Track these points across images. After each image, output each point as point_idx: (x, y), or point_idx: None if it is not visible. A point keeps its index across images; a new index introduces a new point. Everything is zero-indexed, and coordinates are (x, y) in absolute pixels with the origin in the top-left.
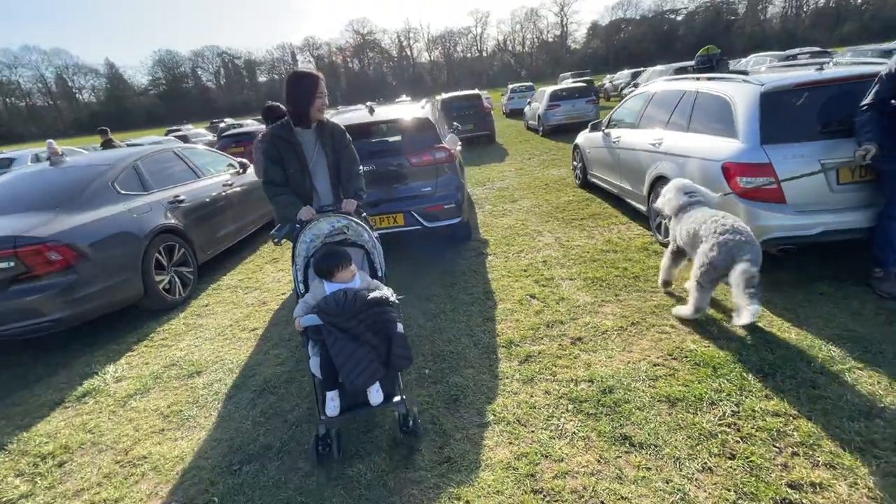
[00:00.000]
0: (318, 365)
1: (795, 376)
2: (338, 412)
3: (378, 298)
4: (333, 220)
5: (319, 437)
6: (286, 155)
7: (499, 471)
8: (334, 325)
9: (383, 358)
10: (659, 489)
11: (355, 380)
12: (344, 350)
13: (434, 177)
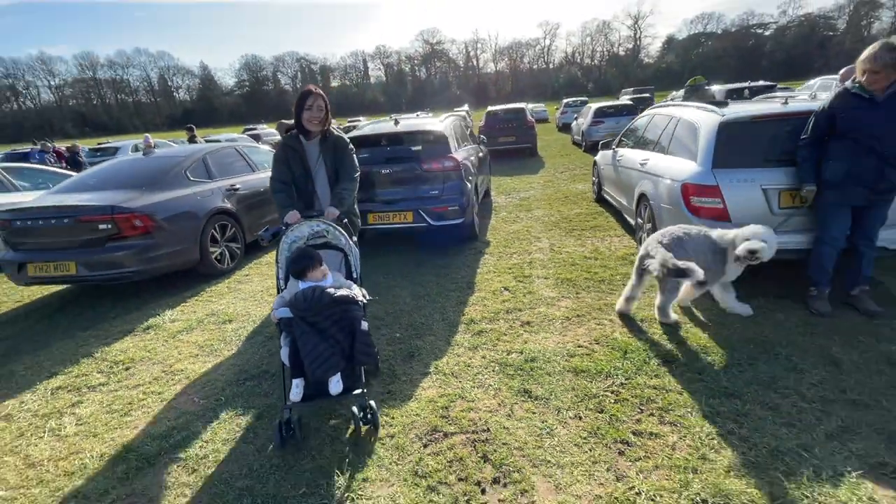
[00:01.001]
0: (287, 354)
1: (689, 365)
2: (300, 399)
3: (343, 297)
4: (314, 224)
5: (283, 422)
6: (293, 160)
7: (423, 402)
8: (303, 319)
9: (346, 353)
10: (534, 425)
11: (316, 370)
12: (309, 342)
13: (442, 182)
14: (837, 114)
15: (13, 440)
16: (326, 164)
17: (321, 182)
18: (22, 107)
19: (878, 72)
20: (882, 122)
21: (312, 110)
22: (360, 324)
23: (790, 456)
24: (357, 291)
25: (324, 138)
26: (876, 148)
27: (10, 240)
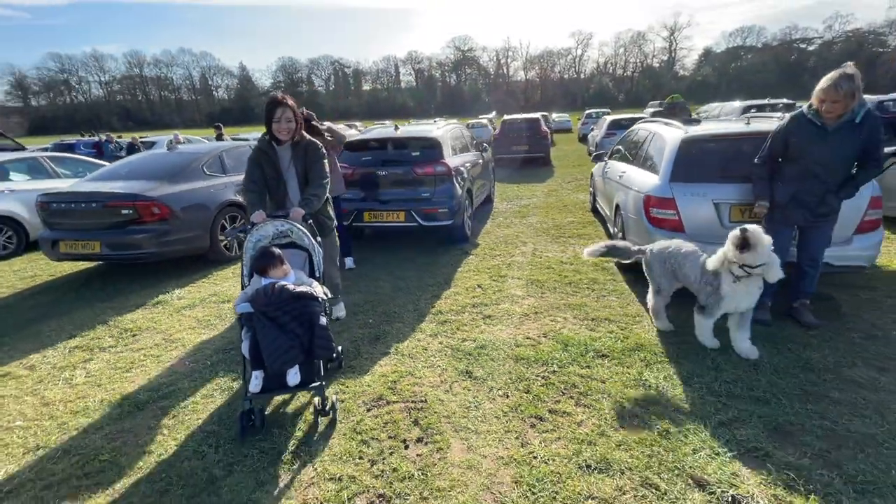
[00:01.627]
0: (248, 347)
1: (620, 360)
2: (259, 390)
3: (303, 293)
4: (278, 224)
5: (244, 412)
6: (265, 164)
7: (377, 377)
8: (263, 314)
9: (305, 346)
10: (465, 399)
11: (275, 362)
12: (268, 336)
13: (434, 185)
14: (790, 138)
15: (34, 385)
16: (297, 169)
17: (292, 185)
18: (74, 100)
19: (837, 101)
20: (829, 151)
21: (281, 122)
22: (319, 319)
23: (679, 437)
24: (318, 288)
25: (295, 144)
26: (820, 175)
27: (48, 220)
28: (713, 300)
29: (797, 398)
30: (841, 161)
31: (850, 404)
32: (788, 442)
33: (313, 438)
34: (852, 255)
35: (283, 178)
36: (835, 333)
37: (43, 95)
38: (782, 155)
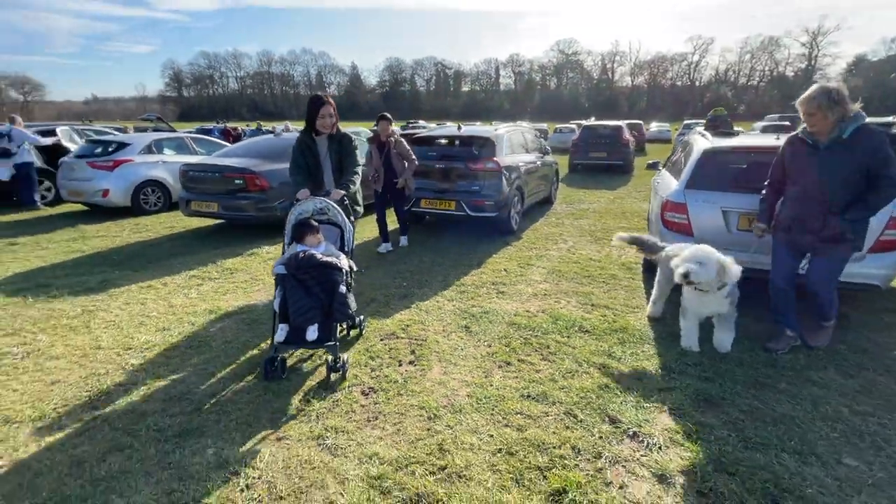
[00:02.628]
0: (278, 303)
1: (600, 337)
2: (283, 340)
3: (328, 262)
4: (317, 202)
5: (269, 359)
6: (306, 153)
7: (395, 320)
8: (293, 276)
9: (326, 308)
10: (456, 344)
11: (298, 318)
12: (294, 295)
13: (484, 180)
14: (786, 159)
15: (165, 294)
16: (332, 158)
17: (328, 171)
18: (214, 93)
19: (812, 114)
20: (821, 169)
21: (325, 118)
22: (339, 286)
23: (615, 391)
24: (344, 261)
25: (332, 136)
26: (817, 196)
27: (186, 184)
28: (682, 303)
29: (743, 384)
30: (836, 180)
31: (790, 394)
32: (711, 410)
33: (325, 384)
34: (864, 273)
35: (321, 166)
36: (829, 347)
37: (192, 87)
38: (784, 176)
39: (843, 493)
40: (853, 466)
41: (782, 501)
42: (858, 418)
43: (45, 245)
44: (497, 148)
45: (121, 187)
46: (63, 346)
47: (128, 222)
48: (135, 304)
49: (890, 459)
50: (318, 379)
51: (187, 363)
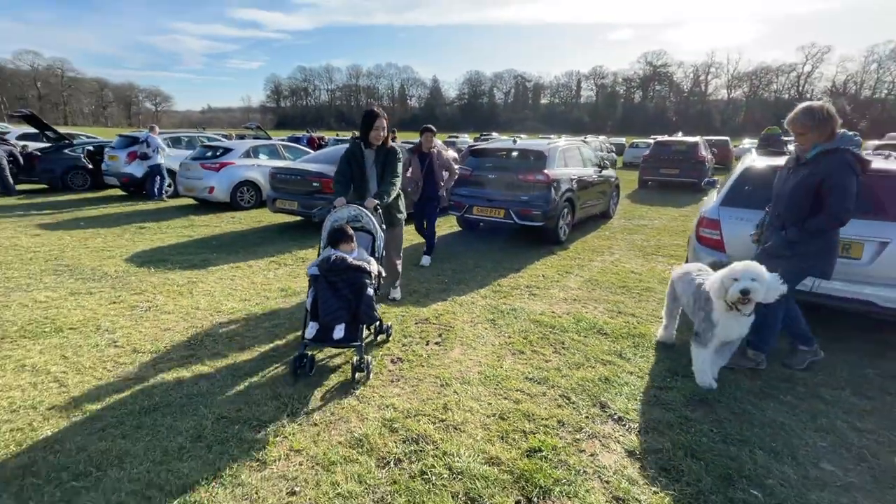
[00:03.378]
0: (309, 302)
1: (617, 340)
2: (312, 336)
3: (358, 266)
4: (352, 209)
5: (297, 356)
6: (353, 162)
7: (430, 310)
8: (325, 277)
9: (353, 310)
10: (479, 333)
11: (325, 316)
12: (325, 295)
13: (532, 190)
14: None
15: (248, 275)
16: (377, 169)
17: (372, 181)
18: (307, 104)
19: (798, 133)
20: (784, 184)
21: (378, 130)
22: (367, 289)
23: (614, 384)
24: (373, 265)
25: (380, 148)
26: (776, 208)
27: (273, 185)
28: (705, 326)
29: (746, 392)
30: (788, 196)
31: (790, 405)
32: (701, 408)
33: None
34: None
35: (366, 175)
36: (853, 367)
37: (289, 99)
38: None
39: (804, 489)
40: (827, 471)
41: (737, 484)
42: (855, 433)
43: (164, 230)
44: (548, 161)
45: (223, 186)
46: (173, 305)
47: (226, 215)
48: (226, 279)
49: (870, 470)
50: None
51: (259, 326)
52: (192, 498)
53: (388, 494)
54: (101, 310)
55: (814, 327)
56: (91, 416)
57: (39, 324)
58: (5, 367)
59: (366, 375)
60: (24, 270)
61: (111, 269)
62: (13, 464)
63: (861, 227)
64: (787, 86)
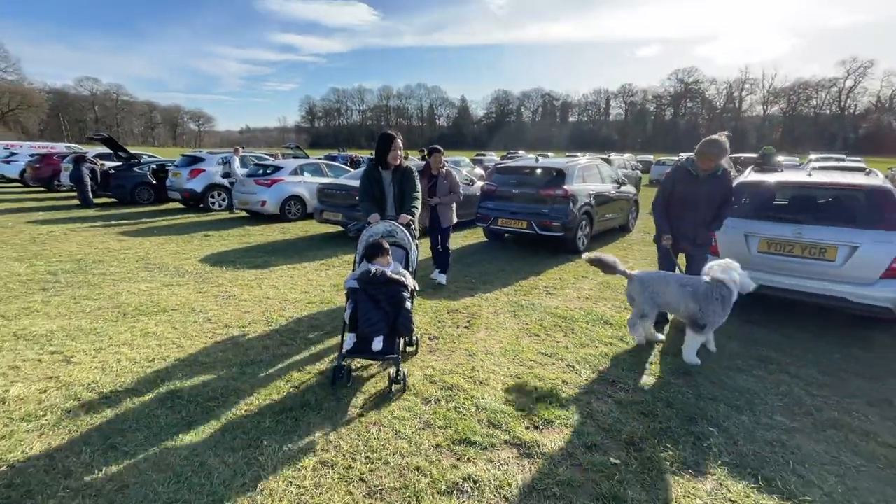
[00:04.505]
0: (348, 315)
1: (621, 328)
2: (351, 348)
3: (396, 280)
4: (387, 225)
5: (337, 367)
6: (373, 182)
7: (459, 302)
8: (364, 290)
9: (391, 322)
10: (500, 321)
11: (366, 328)
12: (364, 307)
13: (552, 204)
14: (674, 183)
15: (305, 274)
16: (395, 188)
17: (390, 199)
18: (340, 124)
19: (712, 158)
20: (699, 194)
21: (395, 151)
22: (405, 302)
23: (615, 359)
24: (410, 280)
25: (395, 168)
26: (693, 212)
27: (320, 198)
28: (720, 314)
29: (723, 368)
30: (707, 203)
31: (759, 377)
32: (683, 378)
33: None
34: (875, 297)
35: (385, 195)
36: (822, 352)
37: (323, 119)
38: (670, 197)
39: (754, 430)
40: (778, 420)
41: (699, 424)
42: (808, 397)
43: (225, 237)
44: (567, 177)
45: (274, 200)
46: (248, 295)
47: (277, 226)
48: (286, 277)
49: (813, 420)
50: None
51: (318, 311)
52: (302, 400)
53: (430, 419)
54: (191, 297)
55: (796, 321)
56: (205, 366)
57: (148, 306)
58: (135, 334)
59: (402, 388)
60: (122, 268)
61: (190, 268)
62: (162, 390)
63: (835, 234)
64: (827, 101)
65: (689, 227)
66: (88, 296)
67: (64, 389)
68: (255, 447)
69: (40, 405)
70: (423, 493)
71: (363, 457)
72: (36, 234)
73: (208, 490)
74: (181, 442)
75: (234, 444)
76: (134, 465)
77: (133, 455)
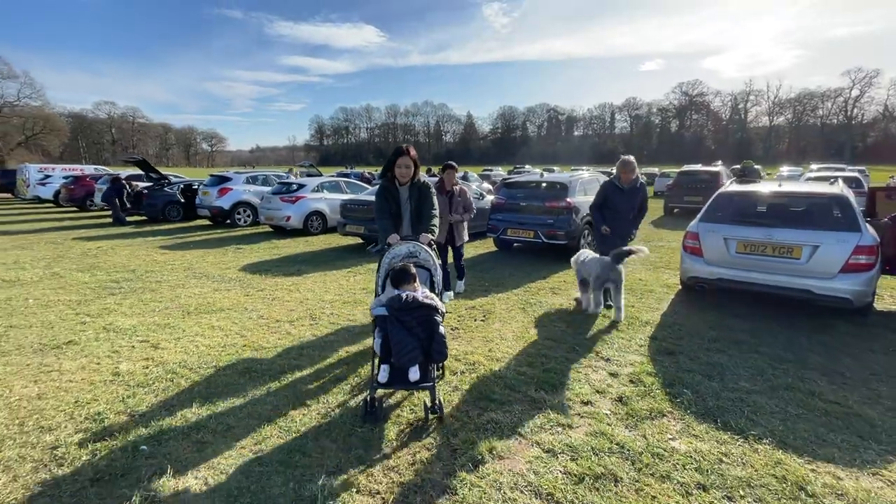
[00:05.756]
0: (379, 344)
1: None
2: (386, 380)
3: (428, 304)
4: (410, 246)
5: (369, 400)
6: (390, 199)
7: (476, 300)
8: (395, 317)
9: (425, 349)
10: (511, 315)
11: (402, 358)
12: (398, 335)
13: (557, 215)
14: (607, 193)
15: (335, 280)
16: (411, 204)
17: (406, 217)
18: (348, 142)
19: (629, 174)
20: (625, 202)
21: (402, 168)
22: (439, 327)
23: (610, 339)
24: (439, 303)
25: (413, 184)
26: (621, 216)
27: (343, 213)
28: (618, 278)
29: (703, 349)
30: (629, 209)
31: (732, 356)
32: (667, 357)
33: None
34: (835, 288)
35: (401, 212)
36: (792, 337)
37: (331, 137)
38: (605, 203)
39: (722, 392)
40: (742, 385)
41: (675, 387)
42: (772, 370)
43: (256, 250)
44: (570, 190)
45: (298, 215)
46: (289, 297)
47: (301, 239)
48: (319, 282)
49: (772, 386)
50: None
51: (353, 309)
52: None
53: (458, 385)
54: (240, 299)
55: (771, 313)
56: (268, 349)
57: (206, 306)
58: (203, 327)
59: (439, 418)
60: (173, 276)
61: (233, 275)
62: (238, 367)
63: (800, 235)
64: (834, 111)
65: (619, 227)
66: (153, 299)
67: (161, 366)
68: (324, 403)
69: (147, 376)
70: (458, 430)
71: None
72: (86, 249)
73: (295, 430)
74: (264, 399)
75: (307, 402)
76: (232, 413)
77: (230, 406)
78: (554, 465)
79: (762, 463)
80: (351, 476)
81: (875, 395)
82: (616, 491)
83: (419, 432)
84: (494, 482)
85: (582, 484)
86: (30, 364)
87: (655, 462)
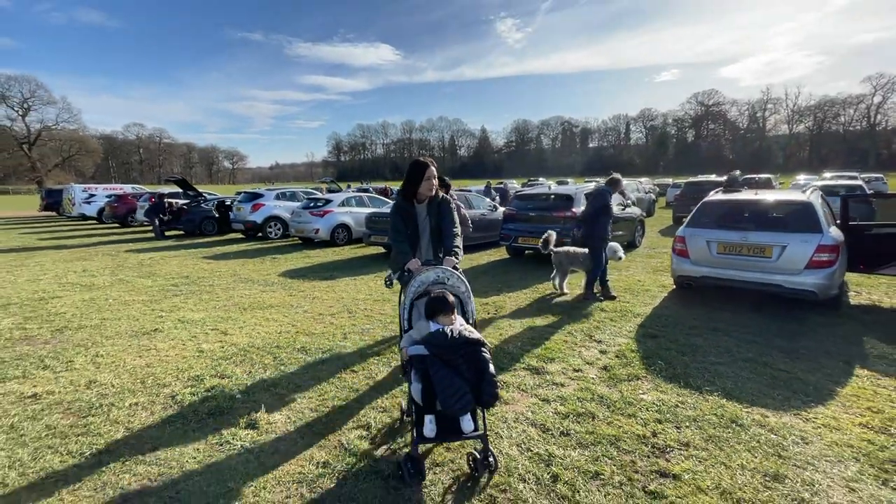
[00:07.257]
0: (420, 390)
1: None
2: (434, 434)
3: (476, 339)
4: (439, 272)
5: (410, 458)
6: (407, 219)
7: (490, 298)
8: (439, 357)
9: (474, 391)
10: (522, 310)
11: (454, 405)
12: (444, 379)
13: (563, 223)
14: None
15: (365, 283)
16: (431, 223)
17: (425, 236)
18: (364, 157)
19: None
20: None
21: (430, 181)
22: (489, 365)
23: (605, 326)
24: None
25: (431, 200)
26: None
27: (368, 225)
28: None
29: (683, 334)
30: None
31: (707, 339)
32: (650, 339)
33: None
34: (802, 283)
35: (419, 232)
36: (762, 325)
37: (349, 153)
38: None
39: (692, 363)
40: (710, 360)
41: (653, 361)
42: (738, 350)
43: (290, 259)
44: (575, 201)
45: (326, 228)
46: (326, 296)
47: (329, 249)
48: (351, 285)
49: (734, 360)
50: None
51: (381, 307)
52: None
53: None
54: (285, 298)
55: (748, 305)
56: (316, 335)
57: (258, 304)
58: (259, 320)
59: (493, 471)
60: (223, 281)
61: (274, 280)
62: (296, 346)
63: (770, 237)
64: (856, 118)
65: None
66: (211, 298)
67: (233, 347)
68: (367, 371)
69: (225, 354)
70: None
71: None
72: (140, 260)
73: (349, 387)
74: (320, 367)
75: (354, 368)
76: (298, 376)
77: (295, 371)
78: (547, 408)
79: (708, 407)
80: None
81: (820, 366)
82: (593, 423)
83: (470, 490)
84: (501, 417)
85: (567, 419)
86: (131, 345)
87: (626, 407)
